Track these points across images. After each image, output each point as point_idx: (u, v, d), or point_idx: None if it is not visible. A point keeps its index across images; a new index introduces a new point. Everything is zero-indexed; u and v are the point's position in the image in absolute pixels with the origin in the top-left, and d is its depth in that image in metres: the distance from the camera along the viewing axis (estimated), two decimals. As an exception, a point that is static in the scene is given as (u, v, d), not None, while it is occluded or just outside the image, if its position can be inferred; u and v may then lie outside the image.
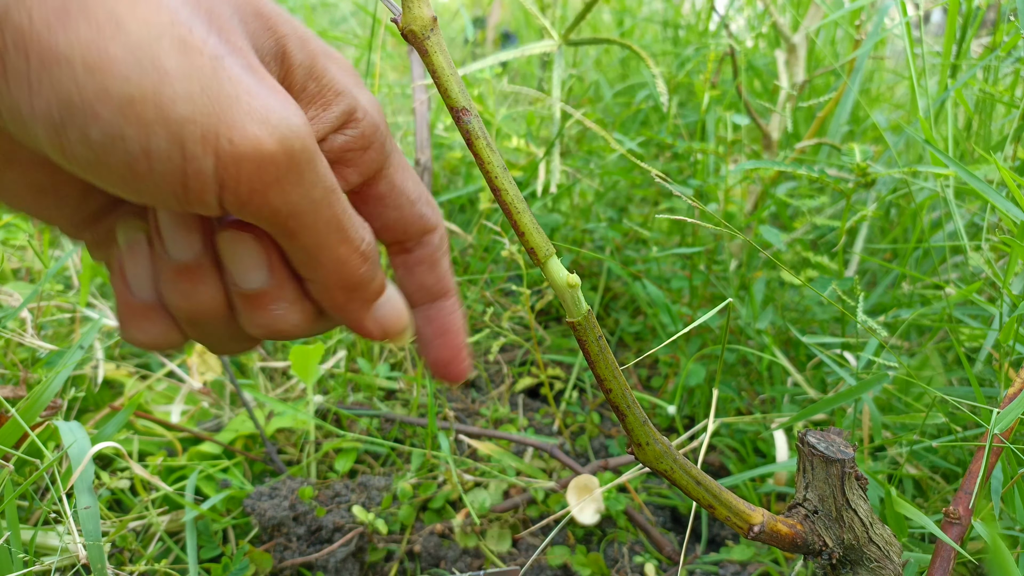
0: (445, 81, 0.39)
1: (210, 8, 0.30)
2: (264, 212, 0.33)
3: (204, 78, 0.28)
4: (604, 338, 0.43)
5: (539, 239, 0.41)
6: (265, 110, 0.30)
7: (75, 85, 0.27)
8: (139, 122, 0.28)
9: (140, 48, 0.27)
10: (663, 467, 0.46)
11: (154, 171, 0.29)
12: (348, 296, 0.39)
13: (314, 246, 0.36)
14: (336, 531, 0.79)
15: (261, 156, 0.30)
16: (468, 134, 0.40)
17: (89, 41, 0.27)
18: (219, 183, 0.30)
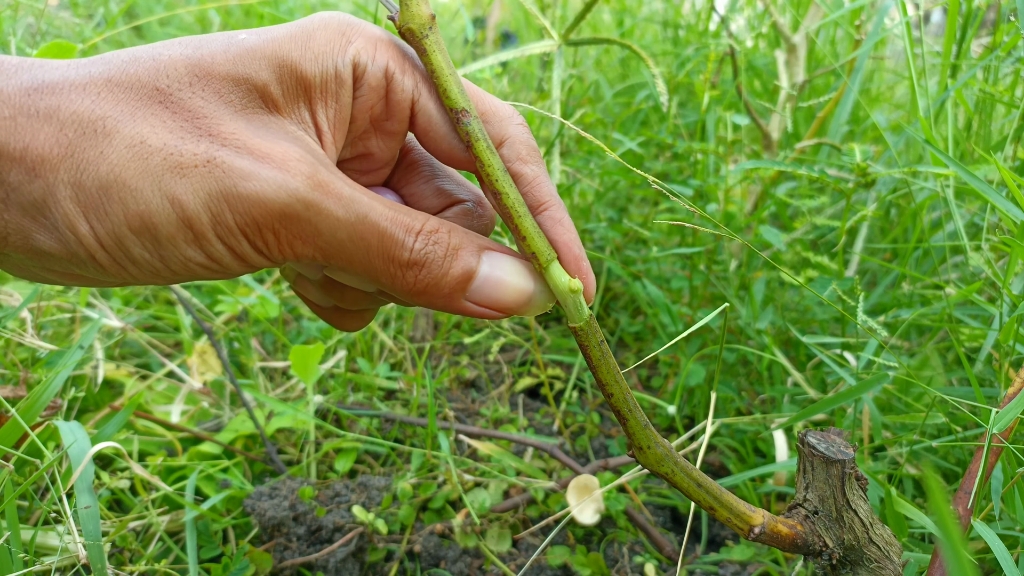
0: (444, 81, 0.39)
1: (190, 113, 0.36)
2: (306, 259, 0.38)
3: (206, 183, 0.35)
4: (606, 343, 0.43)
5: (541, 244, 0.40)
6: (259, 185, 0.35)
7: (126, 223, 0.35)
8: (173, 238, 0.35)
9: (151, 181, 0.35)
10: (664, 470, 0.46)
11: (202, 262, 0.37)
12: (423, 299, 0.40)
13: (365, 273, 0.39)
14: (336, 531, 0.79)
15: (269, 221, 0.36)
16: (468, 136, 0.39)
17: (116, 197, 0.35)
18: (256, 250, 0.37)
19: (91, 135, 0.35)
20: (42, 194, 0.34)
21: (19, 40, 1.02)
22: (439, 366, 1.11)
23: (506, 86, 1.12)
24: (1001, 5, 1.13)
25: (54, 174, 0.34)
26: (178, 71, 0.37)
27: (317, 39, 0.39)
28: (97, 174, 0.34)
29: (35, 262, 0.37)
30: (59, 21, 1.73)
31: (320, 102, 0.40)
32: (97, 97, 0.35)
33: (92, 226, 0.35)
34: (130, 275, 0.37)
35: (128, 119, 0.35)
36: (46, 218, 0.35)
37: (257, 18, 1.86)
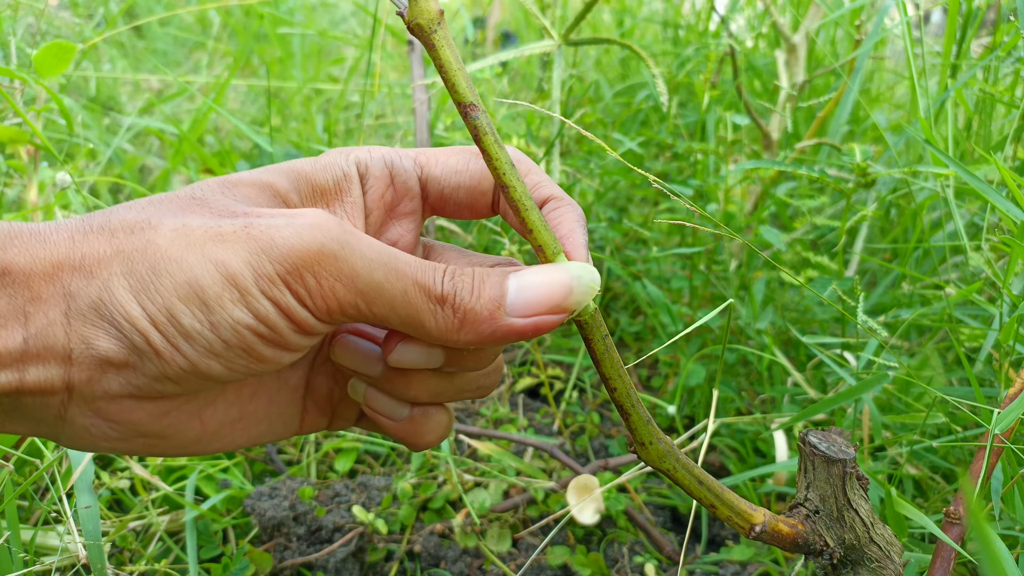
0: (452, 76, 0.39)
1: (224, 207, 0.41)
2: (349, 310, 0.39)
3: (245, 243, 0.38)
4: (610, 336, 0.43)
5: (547, 236, 0.41)
6: (293, 231, 0.38)
7: (175, 294, 0.37)
8: (220, 297, 0.37)
9: (195, 251, 0.37)
10: (666, 466, 0.46)
11: (251, 324, 0.38)
12: (469, 330, 0.41)
13: (408, 316, 0.40)
14: (336, 531, 0.79)
15: (307, 263, 0.38)
16: (476, 130, 0.39)
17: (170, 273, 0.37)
18: (299, 301, 0.38)
19: (138, 231, 0.38)
20: (99, 292, 0.37)
21: (19, 40, 1.02)
22: (439, 366, 1.11)
23: (506, 86, 1.12)
24: (1001, 5, 1.13)
25: (108, 270, 0.37)
26: (211, 185, 0.42)
27: (324, 158, 0.46)
28: (145, 257, 0.37)
29: (96, 400, 0.39)
30: (59, 21, 1.73)
31: (336, 201, 0.45)
32: (141, 209, 0.40)
33: (144, 306, 0.37)
34: (185, 359, 0.38)
35: (170, 216, 0.39)
36: (104, 318, 0.37)
37: (257, 18, 1.86)
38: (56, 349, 0.37)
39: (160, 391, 0.39)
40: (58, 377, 0.37)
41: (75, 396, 0.38)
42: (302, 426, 0.50)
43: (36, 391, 0.37)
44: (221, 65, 2.08)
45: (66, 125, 0.90)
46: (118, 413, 0.40)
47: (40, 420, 0.39)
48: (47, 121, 1.07)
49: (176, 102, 1.82)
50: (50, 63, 0.82)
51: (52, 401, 0.38)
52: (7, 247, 0.37)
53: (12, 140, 0.87)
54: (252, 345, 0.39)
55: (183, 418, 0.43)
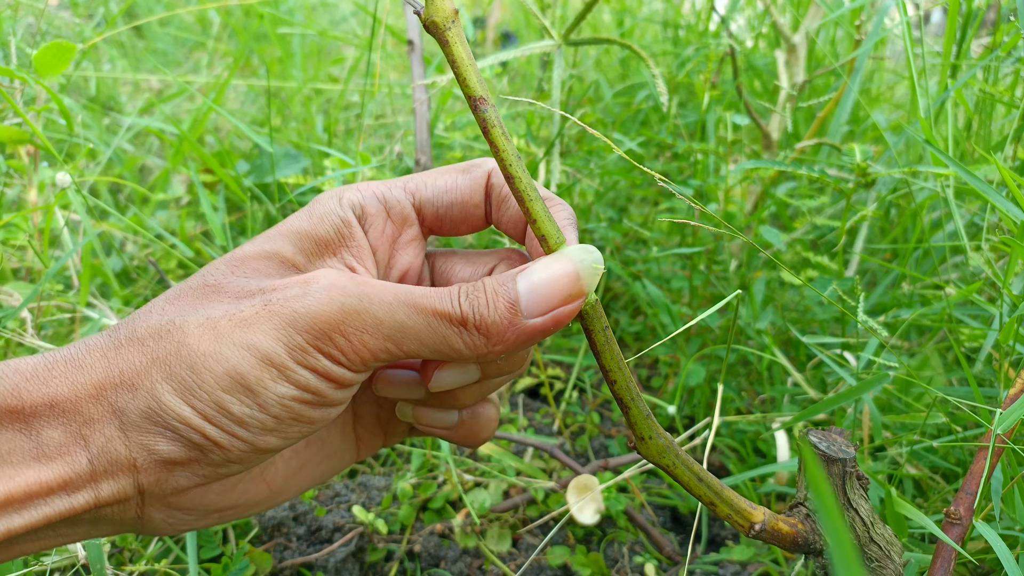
0: (464, 71, 0.41)
1: (238, 288, 0.42)
2: (383, 355, 0.41)
3: (269, 322, 0.39)
4: (610, 328, 0.44)
5: (551, 227, 0.42)
6: (311, 300, 0.40)
7: (219, 387, 0.39)
8: (261, 379, 0.39)
9: (226, 342, 0.39)
10: (666, 462, 0.46)
11: (296, 396, 0.40)
12: (495, 341, 0.42)
13: (436, 344, 0.42)
14: (336, 531, 0.79)
15: (333, 325, 0.39)
16: (485, 123, 0.41)
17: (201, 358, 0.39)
18: (334, 361, 0.40)
19: (167, 335, 0.40)
20: (146, 402, 0.38)
21: (19, 40, 1.02)
22: (439, 366, 1.11)
23: (506, 86, 1.12)
24: (1001, 5, 1.13)
25: (149, 379, 0.39)
26: (219, 268, 0.43)
27: (316, 209, 0.46)
28: (180, 359, 0.39)
29: (169, 495, 0.40)
30: (59, 21, 1.73)
31: (341, 248, 0.46)
32: (162, 311, 0.41)
33: (193, 405, 0.38)
34: (244, 442, 0.40)
35: (191, 311, 0.41)
36: (158, 424, 0.38)
37: (257, 18, 1.86)
38: (121, 462, 0.39)
39: (226, 474, 0.41)
40: (129, 486, 0.39)
41: (147, 497, 0.40)
42: (359, 453, 0.53)
43: (112, 502, 0.39)
44: (221, 65, 2.08)
45: (66, 125, 0.90)
46: (189, 501, 0.42)
47: (121, 523, 0.41)
48: (47, 121, 1.07)
49: (176, 102, 1.82)
50: (50, 63, 0.82)
51: (128, 506, 0.40)
52: (48, 381, 0.39)
53: (12, 140, 0.87)
54: (301, 413, 0.40)
55: (250, 487, 0.46)
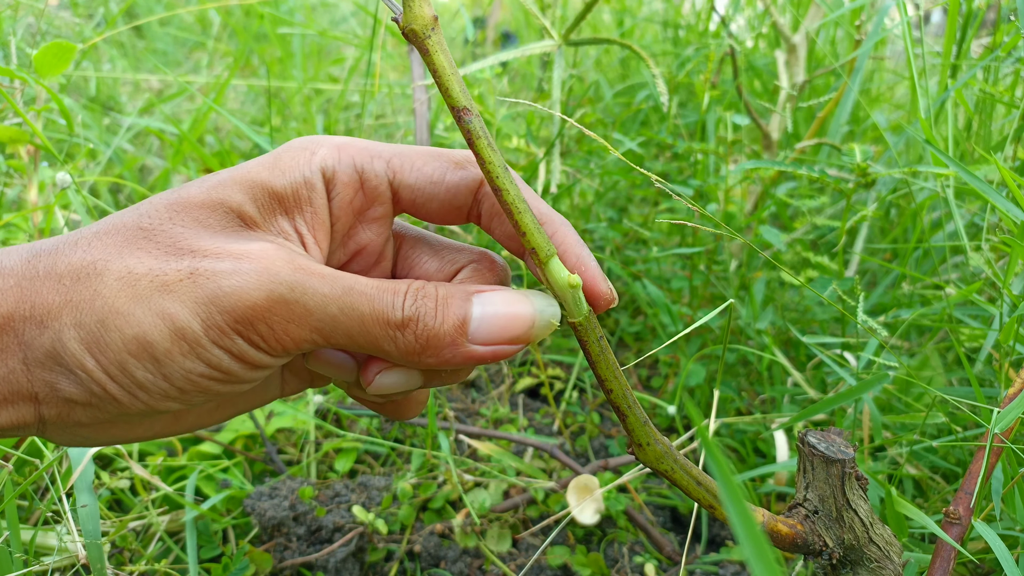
0: (446, 81, 0.39)
1: (171, 241, 0.39)
2: (306, 345, 0.39)
3: (191, 292, 0.37)
4: (605, 338, 0.43)
5: (540, 239, 0.41)
6: (241, 280, 0.37)
7: (125, 349, 0.37)
8: (169, 352, 0.37)
9: (141, 304, 0.37)
10: (664, 467, 0.46)
11: (204, 372, 0.38)
12: (431, 355, 0.40)
13: (369, 343, 0.40)
14: (336, 531, 0.79)
15: (258, 312, 0.37)
16: (469, 134, 0.40)
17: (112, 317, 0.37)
18: (253, 346, 0.38)
19: (85, 279, 0.37)
20: (51, 343, 0.37)
21: (19, 40, 1.02)
22: (439, 366, 1.11)
23: (506, 86, 1.12)
24: (1001, 5, 1.13)
25: (58, 321, 0.37)
26: (158, 210, 0.40)
27: (284, 158, 0.42)
28: (93, 310, 0.37)
29: (71, 426, 0.39)
30: (59, 21, 1.73)
31: (296, 211, 0.42)
32: (88, 247, 0.38)
33: (97, 359, 0.37)
34: (143, 403, 0.38)
35: (115, 257, 0.38)
36: (62, 365, 0.37)
37: (257, 18, 1.86)
38: (22, 392, 0.38)
39: (127, 421, 0.40)
40: (30, 415, 0.38)
41: (49, 426, 0.39)
42: (283, 392, 0.50)
43: (10, 427, 0.39)
44: (221, 65, 2.08)
45: (66, 125, 0.90)
46: (93, 432, 0.41)
47: (20, 435, 0.41)
48: (47, 121, 1.07)
49: (176, 102, 1.82)
50: (50, 63, 0.82)
51: (28, 430, 0.39)
52: None
53: (12, 140, 0.87)
54: (207, 387, 0.39)
55: (156, 424, 0.44)
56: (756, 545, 0.19)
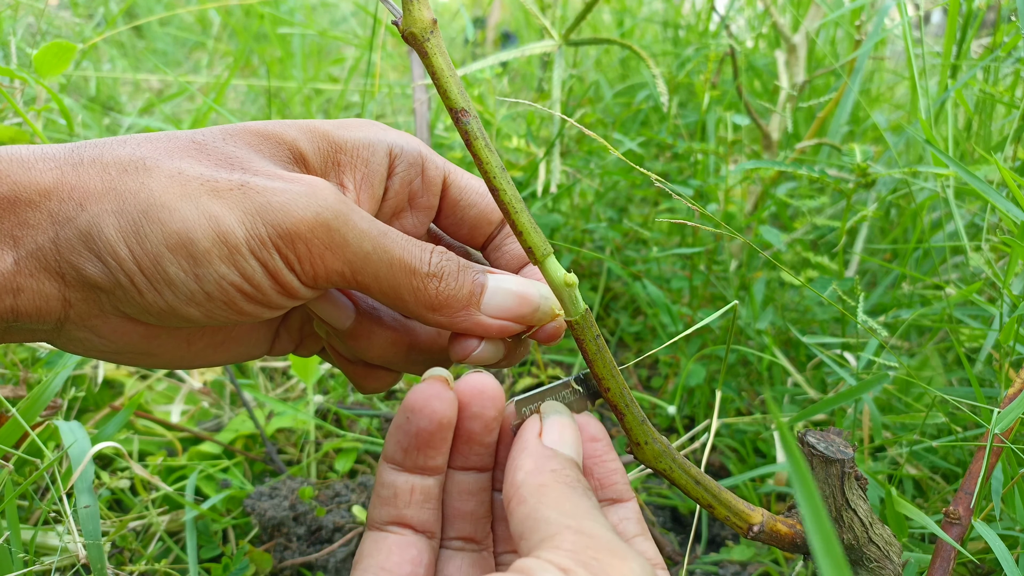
0: (444, 83, 0.40)
1: (224, 156, 0.39)
2: (335, 278, 0.40)
3: (240, 201, 0.37)
4: (602, 337, 0.43)
5: (537, 239, 0.41)
6: (290, 197, 0.38)
7: (164, 243, 0.37)
8: (208, 252, 0.37)
9: (189, 201, 0.37)
10: (662, 466, 0.46)
11: (236, 282, 0.38)
12: (444, 313, 0.43)
13: (391, 288, 0.41)
14: (336, 531, 0.79)
15: (300, 230, 0.38)
16: (467, 135, 0.40)
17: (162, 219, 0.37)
18: (288, 265, 0.38)
19: (132, 172, 0.38)
20: (88, 225, 0.37)
21: (19, 40, 1.02)
22: (439, 366, 1.11)
23: (506, 86, 1.12)
24: (1001, 5, 1.13)
25: (99, 205, 0.37)
26: (212, 131, 0.41)
27: (351, 122, 0.45)
28: (138, 200, 0.37)
29: (91, 319, 0.39)
30: (59, 21, 1.73)
31: (349, 166, 0.44)
32: (136, 146, 0.39)
33: (131, 248, 0.37)
34: (166, 302, 0.38)
35: (166, 158, 0.38)
36: (92, 251, 0.37)
37: (257, 18, 1.86)
38: (50, 269, 0.37)
39: (144, 320, 0.40)
40: (55, 296, 0.38)
41: (71, 314, 0.39)
42: (272, 349, 0.52)
43: (33, 313, 0.38)
44: (221, 65, 2.08)
45: (66, 125, 0.91)
46: (111, 332, 0.40)
47: (36, 333, 0.40)
48: (47, 121, 1.07)
49: (176, 102, 1.82)
50: (50, 63, 0.82)
51: (49, 317, 0.39)
52: None
53: (12, 140, 0.87)
54: (234, 300, 0.39)
55: (172, 341, 0.44)
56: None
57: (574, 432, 0.43)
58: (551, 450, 0.40)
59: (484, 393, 0.42)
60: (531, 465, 0.39)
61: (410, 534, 0.42)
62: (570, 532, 0.33)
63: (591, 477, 0.45)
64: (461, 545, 0.45)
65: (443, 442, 0.42)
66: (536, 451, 0.40)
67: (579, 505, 0.36)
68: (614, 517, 0.45)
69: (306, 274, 0.40)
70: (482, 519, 0.45)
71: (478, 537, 0.45)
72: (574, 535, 0.33)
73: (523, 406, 0.45)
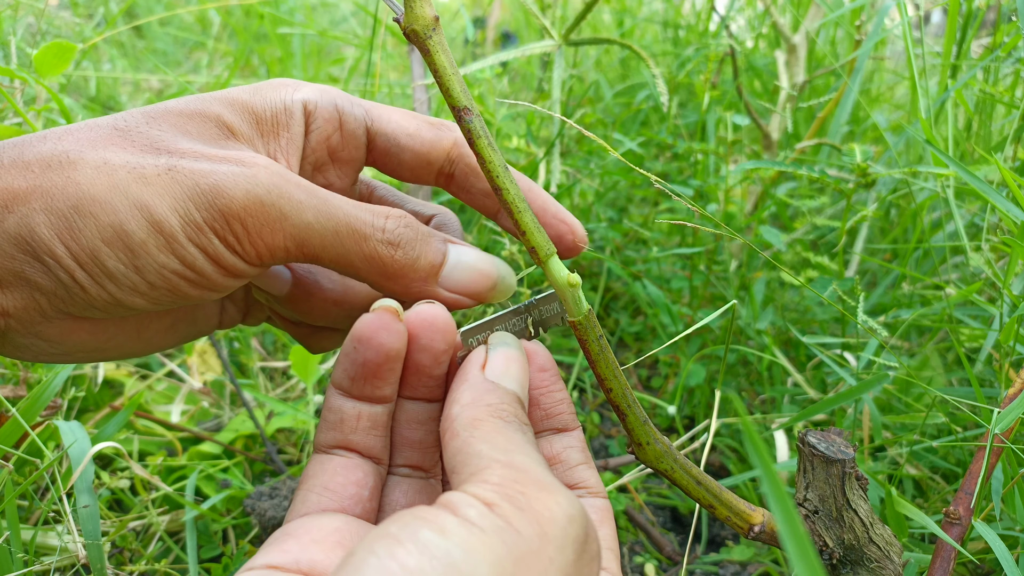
0: (447, 81, 0.39)
1: (148, 141, 0.38)
2: (280, 253, 0.39)
3: (170, 187, 0.36)
4: (604, 337, 0.43)
5: (540, 238, 0.41)
6: (220, 178, 0.37)
7: (99, 237, 0.36)
8: (145, 243, 0.36)
9: (119, 193, 0.36)
10: (663, 467, 0.46)
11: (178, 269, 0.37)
12: (399, 283, 0.42)
13: (340, 257, 0.40)
14: (336, 531, 0.78)
15: (234, 209, 0.37)
16: (469, 133, 0.40)
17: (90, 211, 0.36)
18: (228, 247, 0.38)
19: (56, 167, 0.36)
20: (17, 227, 0.36)
21: (19, 40, 1.02)
22: (439, 366, 1.11)
23: (506, 86, 1.12)
24: (1001, 5, 1.13)
25: (26, 205, 0.36)
26: (134, 116, 0.40)
27: (264, 88, 0.44)
28: (66, 196, 0.36)
29: (35, 323, 0.38)
30: (59, 21, 1.73)
31: (272, 135, 0.43)
32: (58, 140, 0.38)
33: (68, 246, 0.36)
34: (110, 295, 0.37)
35: (90, 149, 0.37)
36: (27, 253, 0.36)
37: (257, 18, 1.86)
38: None
39: (90, 316, 0.39)
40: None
41: (12, 321, 0.38)
42: (221, 322, 0.51)
43: None
44: (221, 65, 2.08)
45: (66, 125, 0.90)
46: (57, 334, 0.40)
47: None
48: (47, 121, 1.07)
49: (176, 102, 1.81)
50: (50, 63, 0.82)
51: None
52: None
53: (12, 140, 0.87)
54: (178, 287, 0.39)
55: (121, 333, 0.43)
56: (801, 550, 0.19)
57: (520, 364, 0.42)
58: (491, 383, 0.39)
59: (434, 325, 0.41)
60: (468, 398, 0.38)
61: (356, 458, 0.42)
62: (499, 466, 0.32)
63: (537, 407, 0.45)
64: (408, 472, 0.44)
65: (391, 373, 0.41)
66: (476, 384, 0.39)
67: (512, 439, 0.35)
68: (559, 446, 0.44)
69: (248, 254, 0.39)
70: (431, 448, 0.44)
71: (426, 466, 0.45)
72: (502, 468, 0.32)
73: (470, 336, 0.44)
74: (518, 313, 0.47)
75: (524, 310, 0.47)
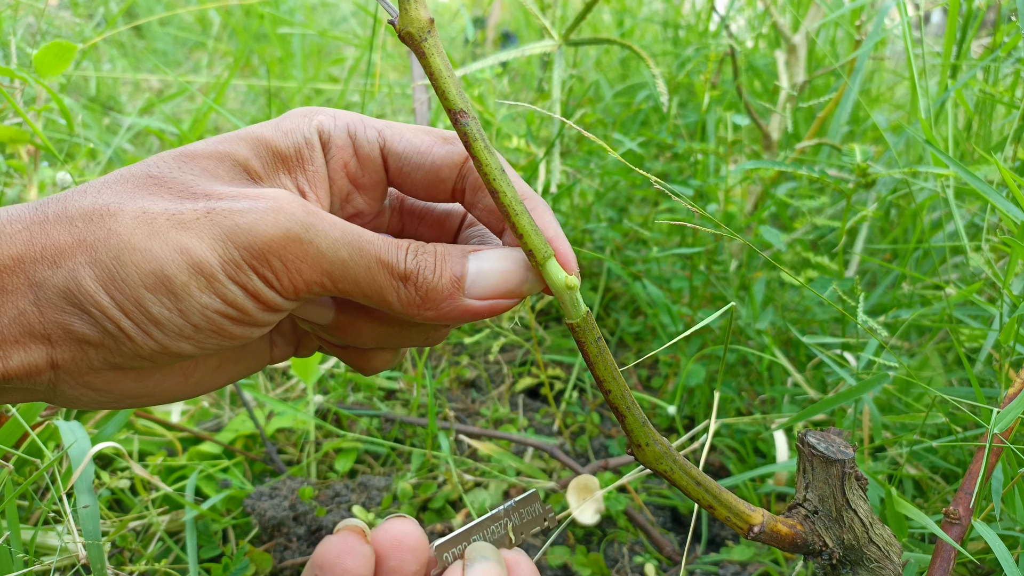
0: (443, 83, 0.39)
1: (183, 186, 0.40)
2: (314, 288, 0.40)
3: (208, 229, 0.38)
4: (603, 339, 0.43)
5: (538, 241, 0.41)
6: (256, 216, 0.38)
7: (142, 284, 0.37)
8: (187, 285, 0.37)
9: (158, 239, 0.37)
10: (663, 468, 0.46)
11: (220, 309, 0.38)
12: (429, 307, 0.42)
13: (372, 292, 0.41)
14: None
15: (273, 247, 0.38)
16: (466, 136, 0.39)
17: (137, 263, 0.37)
18: (267, 284, 0.39)
19: (98, 220, 0.38)
20: (65, 281, 0.37)
21: (19, 40, 1.02)
22: (439, 366, 1.11)
23: (506, 86, 1.12)
24: (1001, 5, 1.13)
25: (72, 260, 0.37)
26: (166, 161, 0.41)
27: (285, 122, 0.44)
28: (108, 247, 0.37)
29: (83, 374, 0.39)
30: (59, 21, 1.73)
31: (298, 169, 0.44)
32: (98, 193, 0.39)
33: (112, 296, 0.37)
34: (156, 343, 0.38)
35: (128, 200, 0.39)
36: (75, 305, 0.37)
37: (257, 18, 1.86)
38: (34, 333, 0.37)
39: (138, 367, 0.40)
40: (42, 358, 0.38)
41: (61, 373, 0.39)
42: (272, 357, 0.51)
43: (22, 374, 0.38)
44: (221, 65, 2.08)
45: (66, 125, 0.90)
46: (105, 384, 0.40)
47: (32, 392, 0.40)
48: (47, 121, 1.07)
49: (176, 102, 1.82)
50: (50, 63, 0.82)
51: (40, 380, 0.39)
52: None
53: (12, 140, 0.87)
54: (222, 326, 0.39)
55: (167, 379, 0.44)
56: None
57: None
58: None
59: (403, 545, 0.40)
60: None
61: None
62: None
63: None
64: None
65: None
66: None
67: None
68: None
69: (286, 289, 0.39)
70: None
71: None
72: None
73: (445, 551, 0.42)
74: (496, 519, 0.45)
75: (503, 515, 0.45)
